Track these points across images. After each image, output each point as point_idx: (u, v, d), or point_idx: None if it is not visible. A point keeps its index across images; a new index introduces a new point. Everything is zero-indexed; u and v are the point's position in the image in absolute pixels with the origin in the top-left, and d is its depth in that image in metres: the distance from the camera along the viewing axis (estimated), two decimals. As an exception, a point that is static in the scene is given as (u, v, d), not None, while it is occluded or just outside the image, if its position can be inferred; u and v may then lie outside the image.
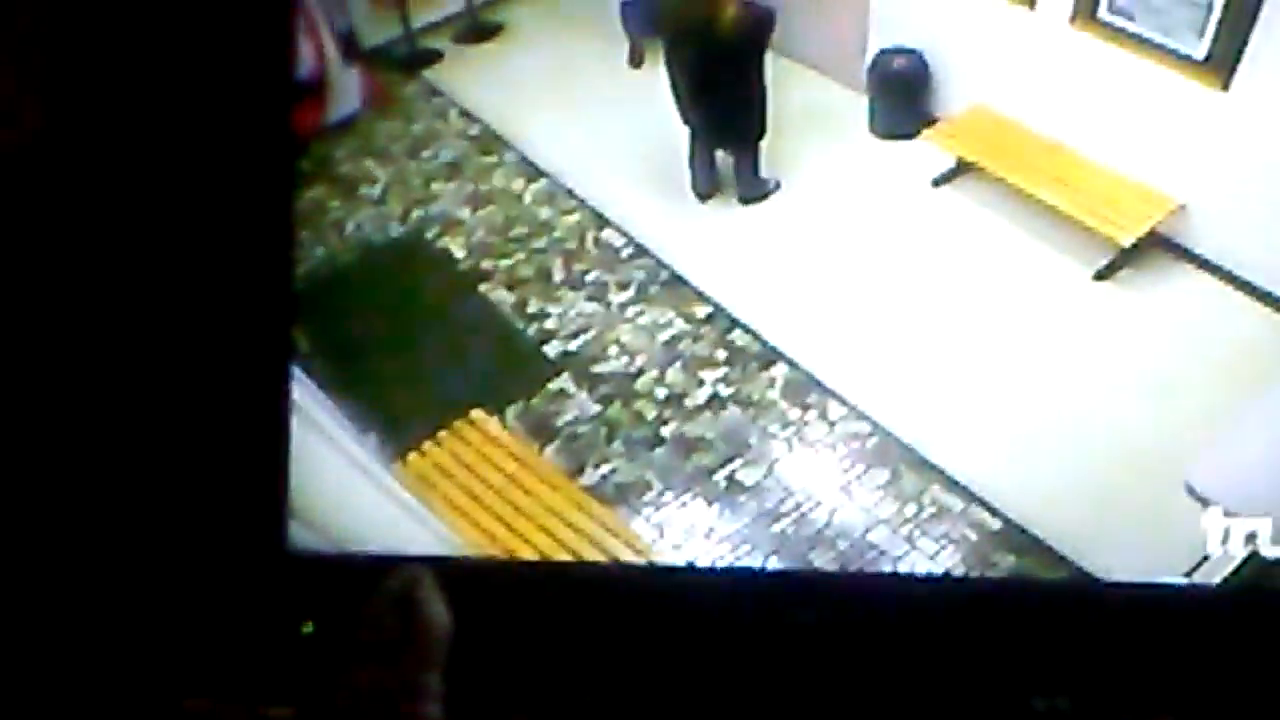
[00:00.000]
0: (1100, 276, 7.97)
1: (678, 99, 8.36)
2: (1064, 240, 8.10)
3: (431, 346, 7.68)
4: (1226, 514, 5.37)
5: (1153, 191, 7.69)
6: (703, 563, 6.61)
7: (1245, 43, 6.97)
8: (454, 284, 8.21)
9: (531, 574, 6.00)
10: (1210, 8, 7.06)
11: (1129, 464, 6.68)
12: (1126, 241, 7.82)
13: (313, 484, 5.36)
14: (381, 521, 6.19)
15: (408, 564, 3.26)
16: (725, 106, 8.41)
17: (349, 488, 5.81)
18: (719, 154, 8.68)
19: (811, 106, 9.53)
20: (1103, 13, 7.83)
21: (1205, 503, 5.84)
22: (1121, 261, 7.96)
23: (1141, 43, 7.71)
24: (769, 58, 8.55)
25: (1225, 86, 7.15)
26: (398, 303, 7.96)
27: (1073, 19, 8.01)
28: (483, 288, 8.15)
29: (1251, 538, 5.18)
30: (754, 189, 8.72)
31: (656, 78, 8.88)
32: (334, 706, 3.14)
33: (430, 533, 6.20)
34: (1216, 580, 5.44)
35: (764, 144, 8.64)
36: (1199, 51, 7.21)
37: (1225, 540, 5.10)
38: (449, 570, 3.26)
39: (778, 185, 8.83)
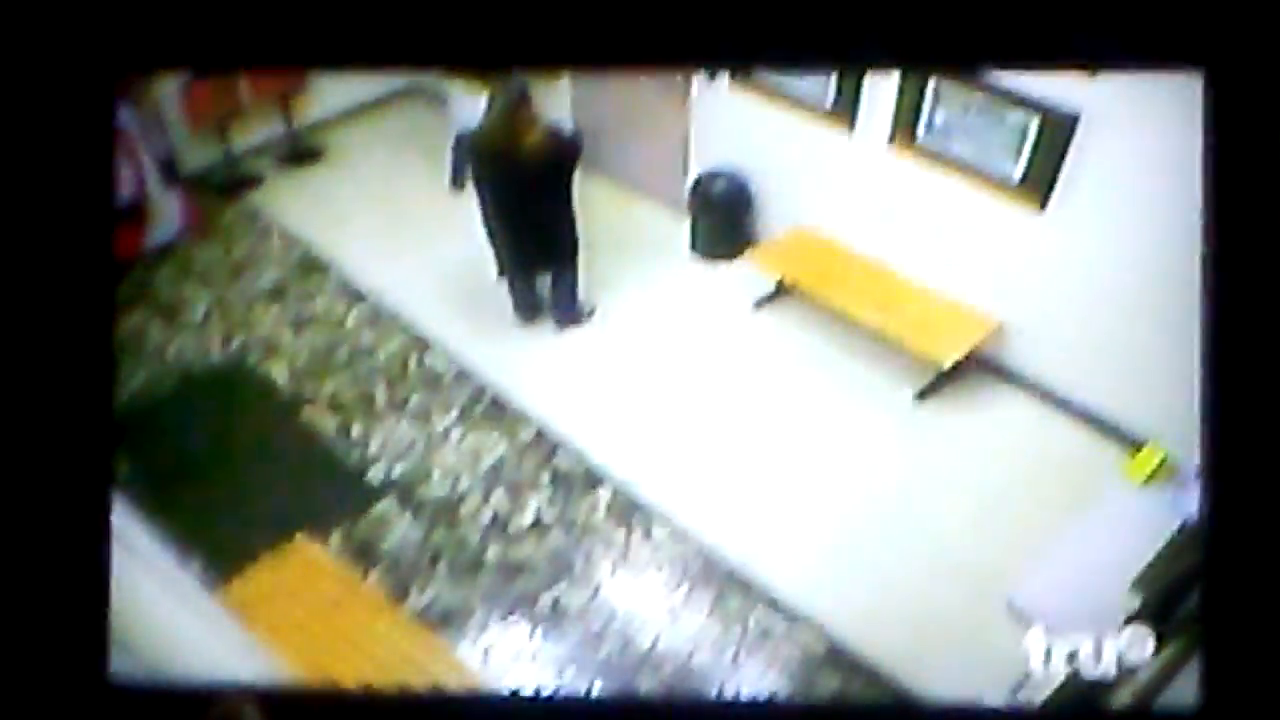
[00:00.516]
0: (922, 396, 8.19)
1: (490, 225, 8.43)
2: (886, 361, 8.36)
3: (253, 472, 7.62)
4: (1048, 632, 5.34)
5: (973, 312, 7.97)
6: (528, 689, 6.60)
7: (1060, 165, 7.07)
8: (276, 409, 8.16)
9: (356, 702, 5.75)
10: (1025, 132, 7.14)
11: (952, 583, 6.97)
12: (947, 362, 8.01)
13: (134, 611, 5.10)
14: (205, 649, 5.95)
15: (231, 692, 3.26)
16: (535, 232, 8.45)
17: (171, 615, 5.54)
18: (535, 278, 8.81)
19: (634, 229, 9.80)
20: (920, 136, 7.99)
21: (1027, 621, 5.84)
22: (943, 382, 8.20)
23: (959, 165, 7.89)
24: (592, 180, 8.55)
25: (1041, 207, 7.23)
26: (219, 428, 7.94)
27: (891, 141, 8.15)
28: (305, 413, 8.11)
29: (1073, 656, 5.15)
30: (570, 314, 8.89)
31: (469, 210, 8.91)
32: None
33: (254, 660, 6.00)
34: (1039, 699, 5.39)
35: (583, 268, 8.75)
36: (1015, 173, 7.29)
37: (1047, 659, 5.05)
38: (273, 699, 3.25)
39: (593, 311, 8.99)
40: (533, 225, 8.27)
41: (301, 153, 10.82)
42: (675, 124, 9.47)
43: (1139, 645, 5.08)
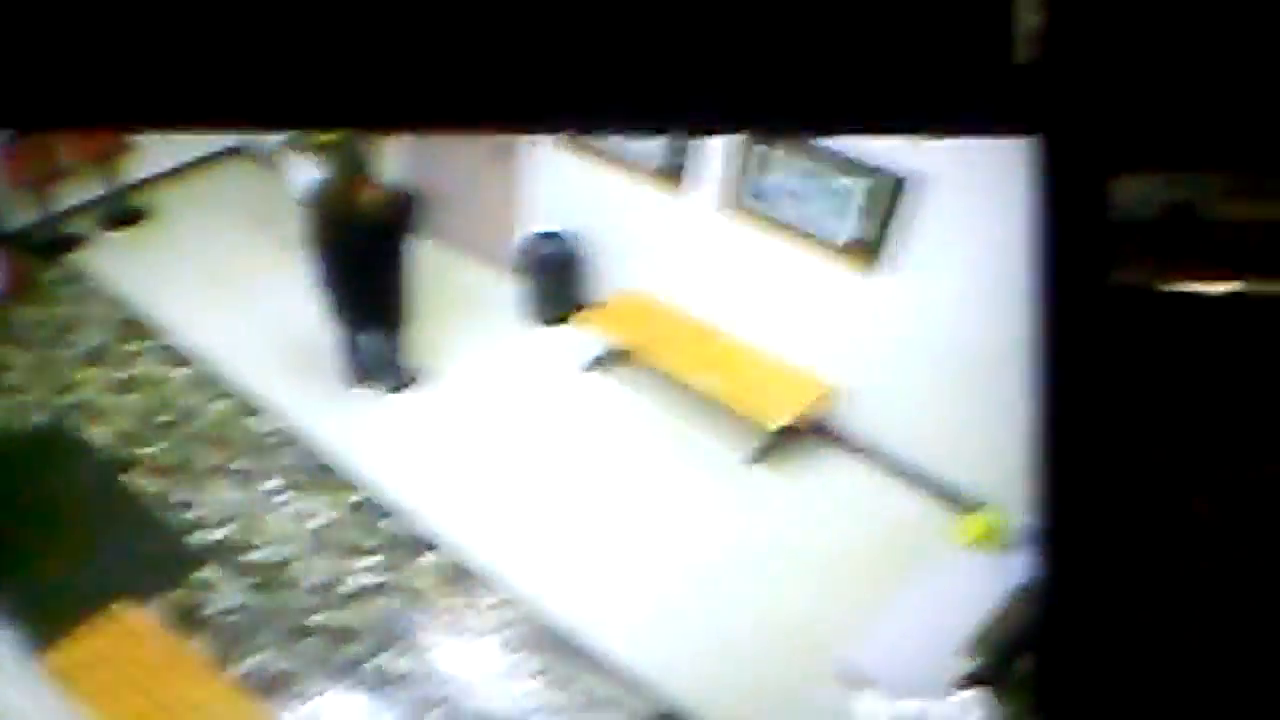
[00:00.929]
0: (752, 460, 8.26)
1: (322, 283, 8.54)
2: (718, 425, 8.45)
3: (73, 537, 7.47)
4: (881, 695, 5.38)
5: (804, 375, 8.05)
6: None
7: (888, 226, 7.15)
8: (97, 473, 8.05)
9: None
10: (852, 194, 7.22)
11: (786, 647, 7.05)
12: (774, 425, 8.17)
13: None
14: (26, 718, 5.85)
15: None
16: (366, 291, 8.59)
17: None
18: (364, 340, 8.88)
19: (464, 292, 9.81)
20: (747, 200, 8.19)
21: (859, 684, 5.88)
22: (774, 445, 8.30)
23: (788, 228, 8.09)
24: (420, 242, 8.75)
25: (871, 269, 7.31)
26: (38, 493, 7.81)
27: (720, 204, 8.34)
28: (126, 477, 7.99)
29: (902, 723, 5.21)
30: (396, 376, 8.92)
31: (301, 272, 8.92)
32: None
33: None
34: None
35: (412, 330, 8.86)
36: (843, 236, 7.32)
37: (877, 725, 5.12)
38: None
39: (418, 373, 8.98)
40: (367, 285, 8.39)
41: (125, 213, 10.67)
42: (504, 185, 9.57)
43: (971, 711, 5.16)
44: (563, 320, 9.37)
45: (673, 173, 8.44)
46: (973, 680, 5.65)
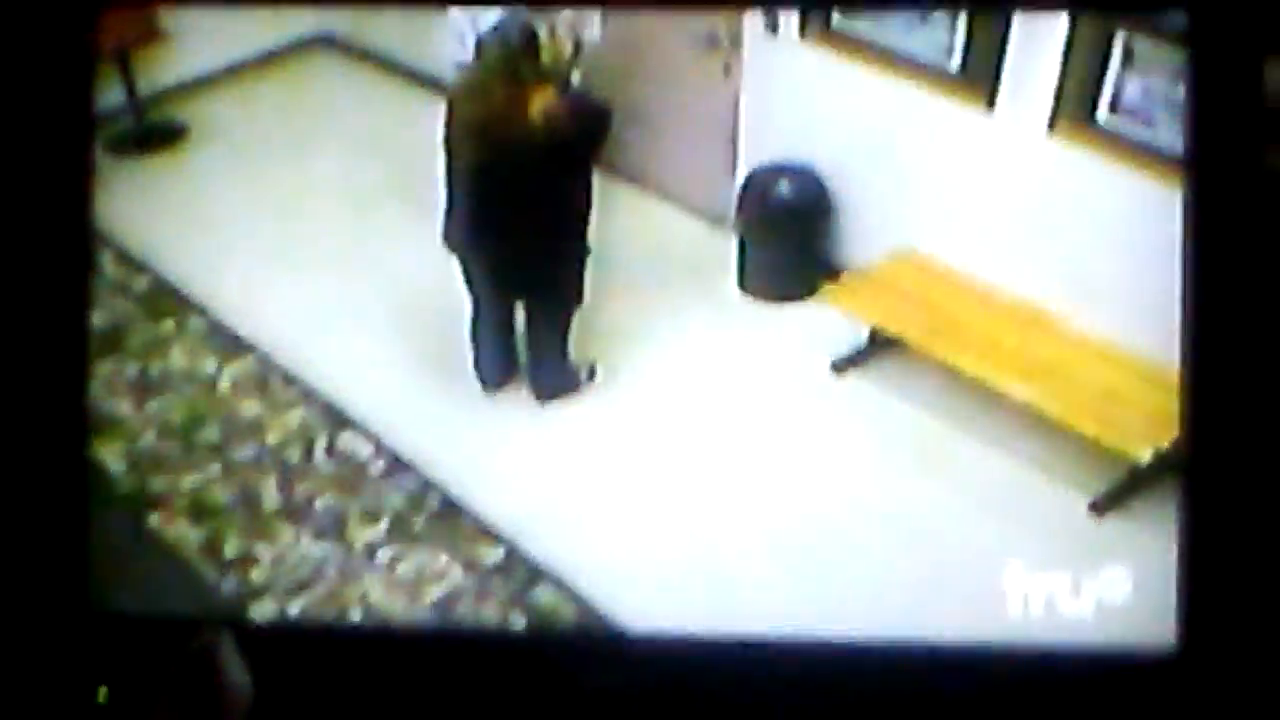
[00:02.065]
0: (1102, 509, 7.58)
1: (456, 233, 8.03)
2: (1045, 455, 7.80)
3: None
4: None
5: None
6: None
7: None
8: (108, 513, 7.45)
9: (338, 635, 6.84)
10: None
11: None
12: (1140, 456, 7.40)
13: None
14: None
15: (210, 626, 3.87)
16: (524, 248, 7.95)
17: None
18: (518, 323, 8.37)
19: (657, 252, 9.40)
20: (1103, 116, 7.68)
21: None
22: (1137, 485, 7.57)
23: (1163, 162, 7.32)
24: (600, 179, 8.22)
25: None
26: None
27: (1053, 125, 7.82)
28: (153, 520, 7.58)
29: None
30: (559, 380, 8.41)
31: (412, 210, 8.87)
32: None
33: None
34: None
35: (586, 310, 8.35)
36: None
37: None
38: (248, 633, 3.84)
39: (593, 375, 8.51)
40: (526, 238, 7.81)
41: (151, 132, 10.43)
42: (718, 98, 9.16)
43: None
44: (804, 295, 8.88)
45: (977, 77, 7.98)
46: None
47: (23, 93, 5.30)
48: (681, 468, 7.86)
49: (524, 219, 7.73)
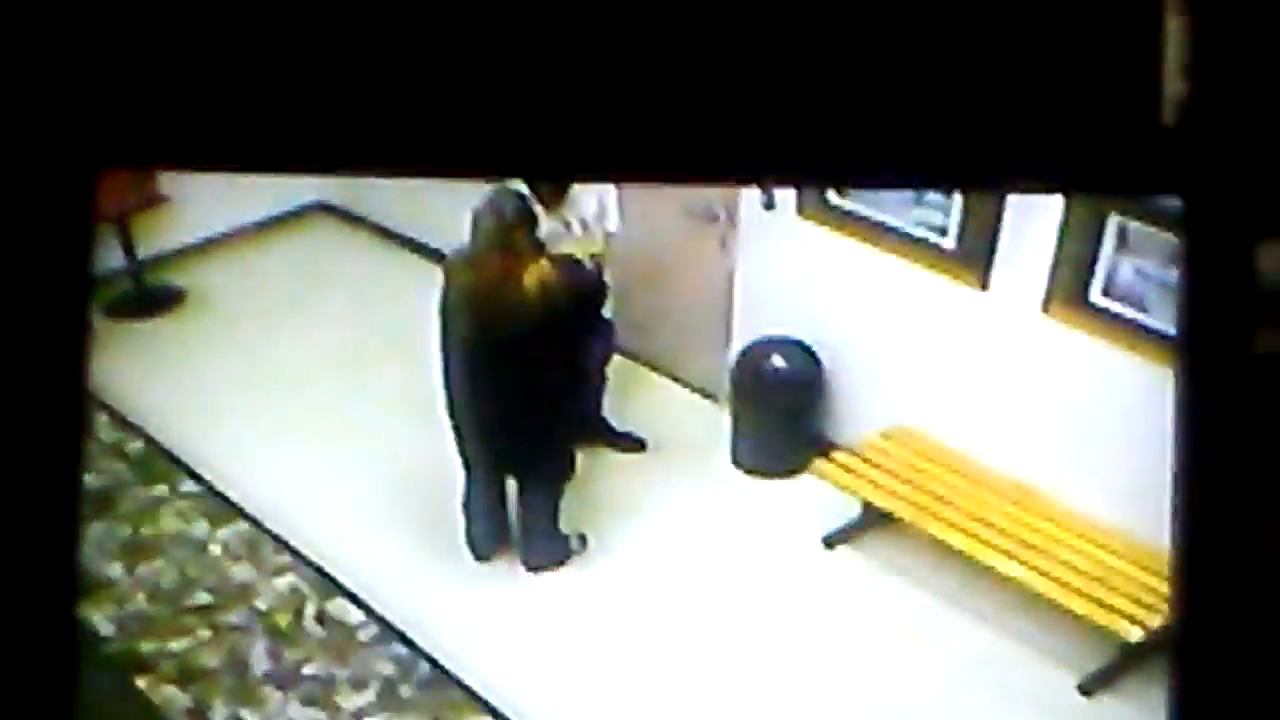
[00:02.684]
0: (1091, 689, 7.57)
1: (451, 402, 8.00)
2: (1037, 634, 7.78)
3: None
4: None
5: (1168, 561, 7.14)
6: None
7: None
8: (96, 674, 7.38)
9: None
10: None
11: None
12: (1132, 637, 7.33)
13: None
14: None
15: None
16: (517, 418, 7.93)
17: None
18: (505, 491, 8.34)
19: (651, 423, 9.38)
20: (1096, 296, 7.60)
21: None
22: (1126, 666, 7.55)
23: (1157, 342, 7.28)
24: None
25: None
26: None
27: (1047, 304, 7.76)
28: (141, 682, 7.55)
29: None
30: (549, 550, 8.36)
31: (406, 377, 8.92)
32: None
33: None
34: None
35: (575, 480, 8.31)
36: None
37: None
38: None
39: (584, 544, 8.47)
40: (519, 409, 7.82)
41: (149, 296, 10.52)
42: (714, 272, 9.22)
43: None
44: (796, 469, 8.83)
45: (971, 255, 7.99)
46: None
47: (21, 254, 5.62)
48: (671, 640, 7.84)
49: (516, 390, 7.72)
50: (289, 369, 9.80)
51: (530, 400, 7.78)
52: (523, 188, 7.60)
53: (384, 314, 10.02)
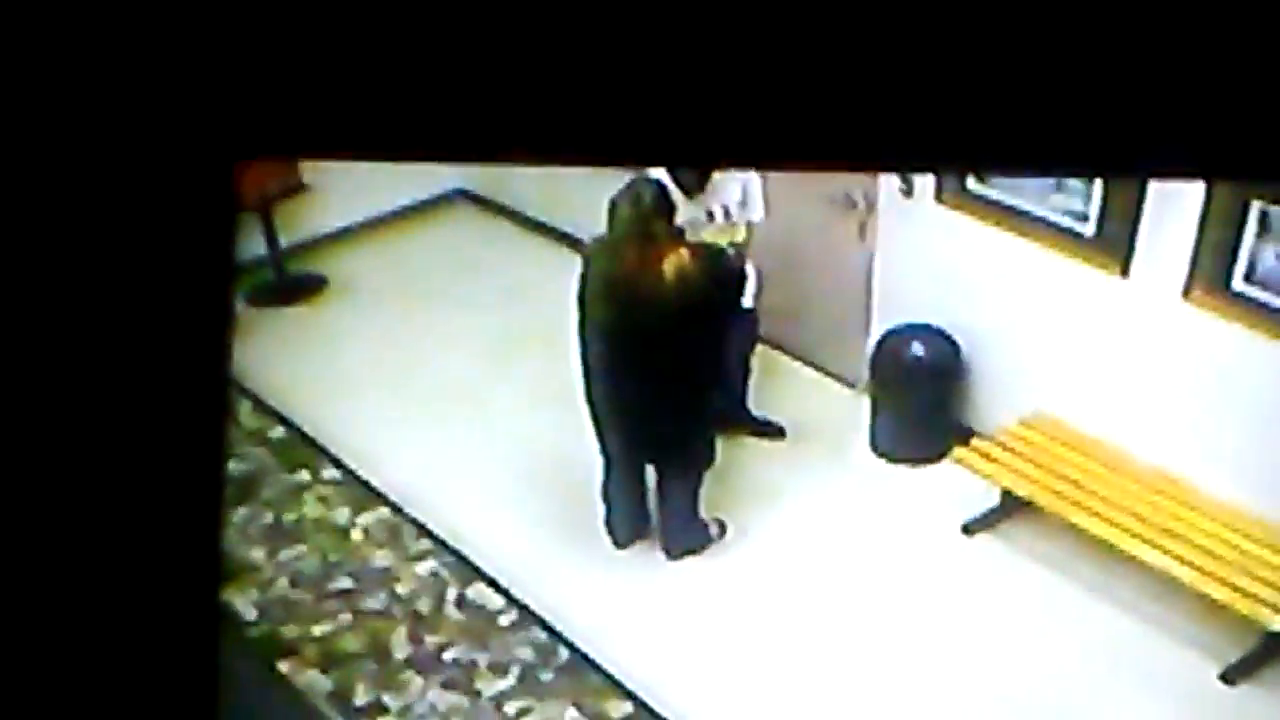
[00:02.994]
0: (1234, 678, 7.45)
1: (589, 391, 8.00)
2: (1179, 622, 7.69)
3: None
4: None
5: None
6: None
7: None
8: (240, 658, 7.57)
9: None
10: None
11: None
12: (1274, 624, 7.24)
13: None
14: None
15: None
16: (657, 406, 7.89)
17: None
18: (646, 479, 8.33)
19: (790, 411, 9.35)
20: (1238, 283, 7.49)
21: None
22: (1270, 655, 7.47)
23: None
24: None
25: None
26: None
27: (1188, 291, 7.66)
28: (284, 666, 7.62)
29: None
30: (689, 537, 8.36)
31: (546, 364, 8.89)
32: None
33: None
34: None
35: (715, 467, 8.28)
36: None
37: None
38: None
39: (723, 532, 8.45)
40: (659, 397, 7.78)
41: (291, 284, 10.60)
42: (853, 259, 9.18)
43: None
44: (935, 457, 8.85)
45: (1111, 242, 7.89)
46: None
47: (165, 244, 5.61)
48: (810, 627, 7.82)
49: (656, 378, 7.69)
50: (430, 356, 9.85)
51: (670, 388, 7.74)
52: (662, 176, 7.51)
53: (524, 301, 10.05)
